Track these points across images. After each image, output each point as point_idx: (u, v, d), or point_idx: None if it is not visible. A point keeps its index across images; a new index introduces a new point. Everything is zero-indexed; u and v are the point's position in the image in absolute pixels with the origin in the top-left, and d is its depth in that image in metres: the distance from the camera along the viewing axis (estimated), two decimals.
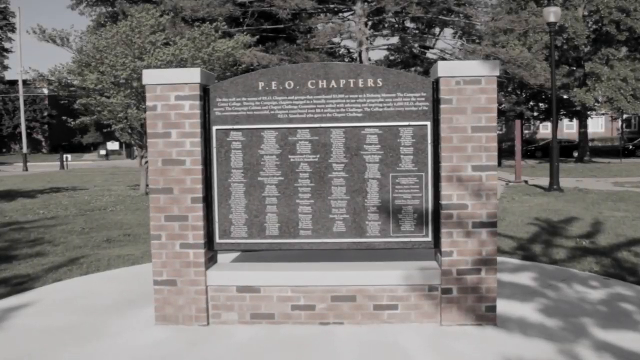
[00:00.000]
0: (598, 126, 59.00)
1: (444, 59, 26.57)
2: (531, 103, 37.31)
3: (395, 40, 31.58)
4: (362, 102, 4.24)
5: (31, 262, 7.13)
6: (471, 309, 4.21)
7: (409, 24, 32.08)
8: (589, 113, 33.87)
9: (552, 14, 14.35)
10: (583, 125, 34.55)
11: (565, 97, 31.70)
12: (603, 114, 38.42)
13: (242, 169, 4.36)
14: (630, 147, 38.54)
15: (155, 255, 4.37)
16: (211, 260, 4.53)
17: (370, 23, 27.72)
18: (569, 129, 54.17)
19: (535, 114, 38.82)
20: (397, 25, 31.06)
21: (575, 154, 35.05)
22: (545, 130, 56.60)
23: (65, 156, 33.43)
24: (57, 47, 14.16)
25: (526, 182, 17.44)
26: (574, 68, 31.11)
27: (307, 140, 4.30)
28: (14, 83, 52.15)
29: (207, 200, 4.38)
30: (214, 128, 4.35)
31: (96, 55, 12.62)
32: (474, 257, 4.15)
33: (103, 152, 49.25)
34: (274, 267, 4.49)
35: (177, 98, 4.24)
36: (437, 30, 32.95)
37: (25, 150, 40.80)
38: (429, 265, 4.37)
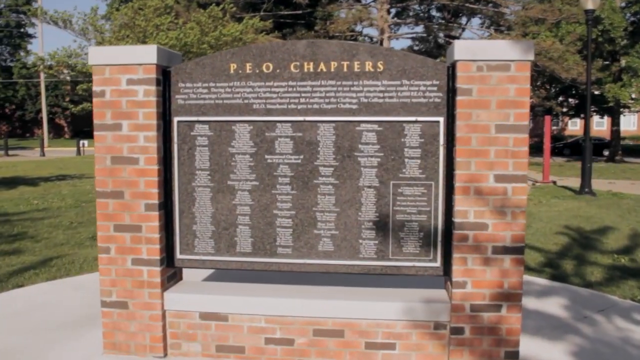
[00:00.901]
0: (630, 124, 56.76)
1: None
2: (560, 98, 35.80)
3: (419, 29, 30.44)
4: (358, 91, 3.39)
5: (1, 261, 6.46)
6: (487, 353, 3.35)
7: (434, 12, 30.90)
8: (622, 110, 32.31)
9: (590, 0, 13.21)
10: (615, 123, 32.96)
11: (597, 92, 30.22)
12: (638, 111, 36.68)
13: (209, 170, 3.55)
14: None
15: (103, 271, 3.61)
16: (172, 279, 3.75)
17: (393, 10, 26.66)
18: (598, 126, 52.17)
19: (565, 109, 37.28)
20: (421, 14, 29.91)
21: (606, 153, 33.55)
22: (573, 126, 54.76)
23: (82, 142, 32.94)
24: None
25: (554, 182, 16.32)
26: (608, 62, 29.60)
27: (288, 137, 3.47)
28: None
29: (166, 207, 3.59)
30: (175, 119, 3.54)
31: (97, 37, 11.92)
32: (493, 289, 3.29)
33: None
34: (245, 290, 3.68)
35: (128, 82, 3.44)
36: (464, 19, 31.70)
37: (45, 135, 40.75)
38: (436, 295, 3.52)
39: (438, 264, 3.42)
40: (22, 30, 56.13)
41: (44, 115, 43.00)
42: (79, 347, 3.89)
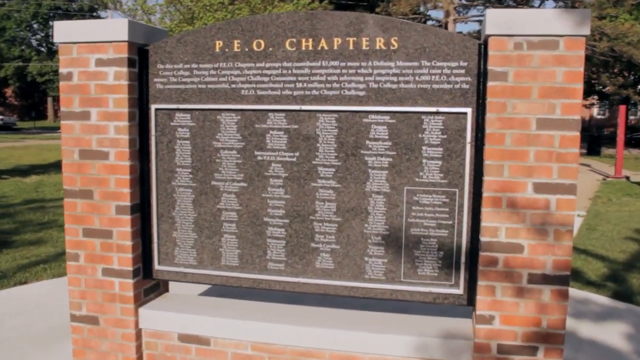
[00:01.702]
0: None
1: None
2: (639, 86, 33.30)
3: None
4: (366, 74, 2.74)
5: (20, 252, 6.25)
6: None
7: None
8: None
9: None
10: None
11: None
12: None
13: (190, 168, 3.02)
14: None
15: (72, 280, 3.16)
16: (152, 292, 3.26)
17: None
18: None
19: None
20: None
21: None
22: None
23: None
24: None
25: (627, 178, 14.91)
26: None
27: (282, 130, 2.88)
28: None
29: (143, 210, 3.09)
30: (153, 107, 3.02)
31: (145, 19, 11.70)
32: (528, 328, 2.59)
33: None
34: (232, 309, 3.13)
35: (97, 62, 2.94)
36: (537, 1, 29.83)
37: None
38: (457, 327, 2.86)
39: (461, 290, 2.75)
40: (94, 14, 57.91)
41: None
42: None
